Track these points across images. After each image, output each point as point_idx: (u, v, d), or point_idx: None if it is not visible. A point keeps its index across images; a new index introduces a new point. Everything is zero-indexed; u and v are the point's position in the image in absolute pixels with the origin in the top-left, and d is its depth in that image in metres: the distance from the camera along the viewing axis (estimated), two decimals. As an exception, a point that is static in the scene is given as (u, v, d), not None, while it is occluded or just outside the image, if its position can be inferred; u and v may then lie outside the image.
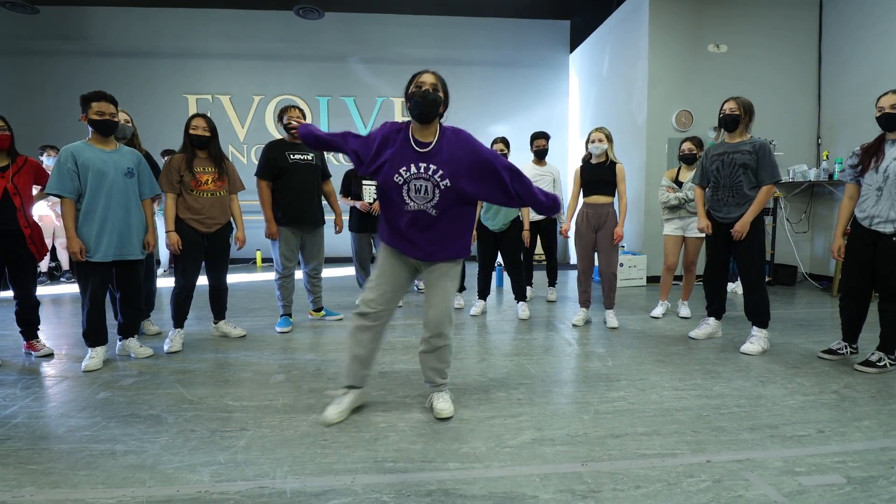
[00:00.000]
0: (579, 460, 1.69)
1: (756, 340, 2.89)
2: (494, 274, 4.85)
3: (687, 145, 3.71)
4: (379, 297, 2.00)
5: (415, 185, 1.87)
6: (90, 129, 2.56)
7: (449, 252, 1.99)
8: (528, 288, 4.41)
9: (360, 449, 1.77)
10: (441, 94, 1.88)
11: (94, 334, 2.67)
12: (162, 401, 2.22)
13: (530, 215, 4.00)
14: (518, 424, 1.97)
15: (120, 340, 2.88)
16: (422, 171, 1.86)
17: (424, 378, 2.12)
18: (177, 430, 1.93)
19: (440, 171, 1.86)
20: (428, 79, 1.87)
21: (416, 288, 4.99)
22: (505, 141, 3.95)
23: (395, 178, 1.87)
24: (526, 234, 3.80)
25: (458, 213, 1.96)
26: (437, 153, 1.87)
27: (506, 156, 3.80)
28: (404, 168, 1.86)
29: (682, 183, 3.71)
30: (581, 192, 3.56)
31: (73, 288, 2.80)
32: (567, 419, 2.01)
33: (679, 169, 3.81)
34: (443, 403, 2.04)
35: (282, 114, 3.36)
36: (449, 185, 1.87)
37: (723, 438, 1.84)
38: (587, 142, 3.48)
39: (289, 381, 2.45)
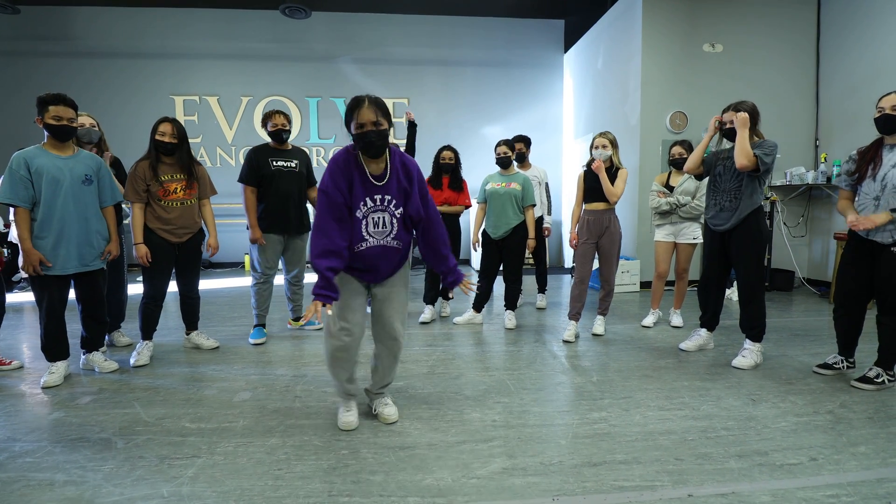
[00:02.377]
0: (550, 494, 1.56)
1: (749, 354, 2.76)
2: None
3: (677, 149, 3.58)
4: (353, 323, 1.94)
5: (372, 218, 1.85)
6: (45, 133, 2.43)
7: (400, 265, 2.01)
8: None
9: (315, 480, 1.64)
10: (385, 125, 1.79)
11: (53, 348, 2.55)
12: (116, 422, 2.10)
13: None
14: (489, 451, 1.84)
15: (84, 354, 2.75)
16: (378, 202, 1.85)
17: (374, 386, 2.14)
18: (124, 456, 1.81)
19: (394, 201, 1.86)
20: (367, 116, 1.76)
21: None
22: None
23: (356, 213, 1.83)
24: (532, 243, 3.65)
25: (409, 234, 1.98)
26: (389, 183, 1.85)
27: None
28: (363, 202, 1.83)
29: (673, 188, 3.58)
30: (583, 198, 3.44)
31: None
32: (542, 444, 1.89)
33: (669, 173, 3.68)
34: (390, 409, 2.10)
35: (266, 119, 3.29)
36: (402, 212, 1.90)
37: (707, 468, 1.71)
38: (591, 147, 3.36)
39: (254, 400, 2.32)
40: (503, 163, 3.64)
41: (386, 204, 1.86)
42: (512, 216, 3.57)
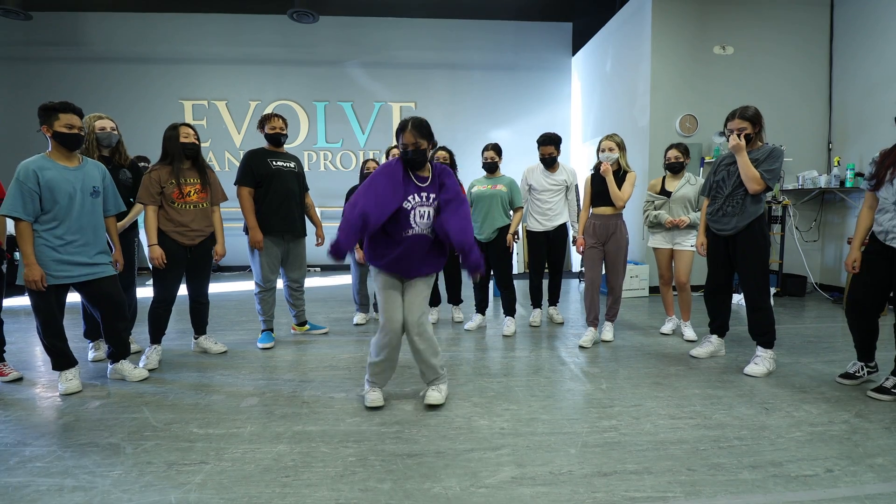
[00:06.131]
0: (560, 505, 1.54)
1: (761, 361, 2.71)
2: (491, 284, 4.68)
3: (673, 153, 3.45)
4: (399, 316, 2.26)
5: (419, 211, 2.18)
6: (53, 142, 2.37)
7: (430, 270, 2.32)
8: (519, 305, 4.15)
9: (322, 488, 1.63)
10: (423, 145, 2.15)
11: (59, 359, 2.50)
12: (125, 427, 2.10)
13: (536, 224, 3.79)
14: (498, 459, 1.82)
15: (111, 364, 2.69)
16: (423, 199, 2.19)
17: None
18: (133, 461, 1.81)
19: (433, 195, 2.21)
20: (408, 139, 2.13)
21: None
22: (497, 148, 3.73)
23: (404, 205, 2.15)
24: (509, 238, 3.60)
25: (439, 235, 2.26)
26: (432, 184, 2.23)
27: (497, 164, 3.65)
28: (411, 196, 2.17)
29: (671, 193, 3.47)
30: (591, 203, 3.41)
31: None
32: (552, 453, 1.86)
33: (664, 178, 3.57)
34: (433, 393, 2.30)
35: (263, 122, 3.28)
36: (438, 205, 2.21)
37: (720, 478, 1.68)
38: (598, 150, 3.33)
39: (261, 405, 2.32)
40: (490, 167, 3.65)
41: (431, 200, 2.20)
42: (498, 218, 3.56)
